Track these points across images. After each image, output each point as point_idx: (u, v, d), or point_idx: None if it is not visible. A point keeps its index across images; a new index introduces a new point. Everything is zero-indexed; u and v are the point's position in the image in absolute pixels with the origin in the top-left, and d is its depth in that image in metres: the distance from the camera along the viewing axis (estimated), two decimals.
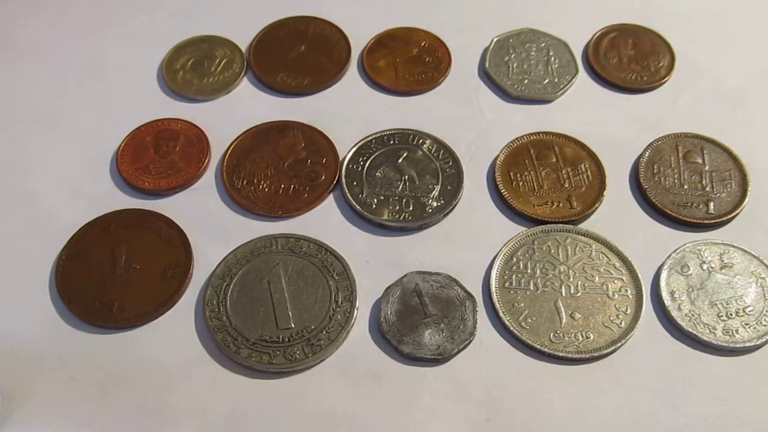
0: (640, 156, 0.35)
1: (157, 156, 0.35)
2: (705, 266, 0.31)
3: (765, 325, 0.30)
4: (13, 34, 0.40)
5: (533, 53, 0.39)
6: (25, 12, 0.41)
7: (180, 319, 0.30)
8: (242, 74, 0.38)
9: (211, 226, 0.33)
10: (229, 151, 0.35)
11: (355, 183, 0.34)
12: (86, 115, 0.37)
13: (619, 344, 0.29)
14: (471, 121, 0.37)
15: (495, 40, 0.40)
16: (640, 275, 0.31)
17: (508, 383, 0.29)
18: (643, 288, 0.31)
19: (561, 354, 0.29)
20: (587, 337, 0.29)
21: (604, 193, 0.34)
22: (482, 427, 0.28)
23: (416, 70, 0.38)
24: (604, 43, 0.40)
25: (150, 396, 0.28)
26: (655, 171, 0.34)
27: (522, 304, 0.30)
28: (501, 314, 0.30)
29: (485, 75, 0.38)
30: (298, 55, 0.39)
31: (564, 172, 0.34)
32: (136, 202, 0.34)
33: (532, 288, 0.31)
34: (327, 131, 0.36)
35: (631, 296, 0.30)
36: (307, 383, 0.29)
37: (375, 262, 0.32)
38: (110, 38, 0.40)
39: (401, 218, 0.33)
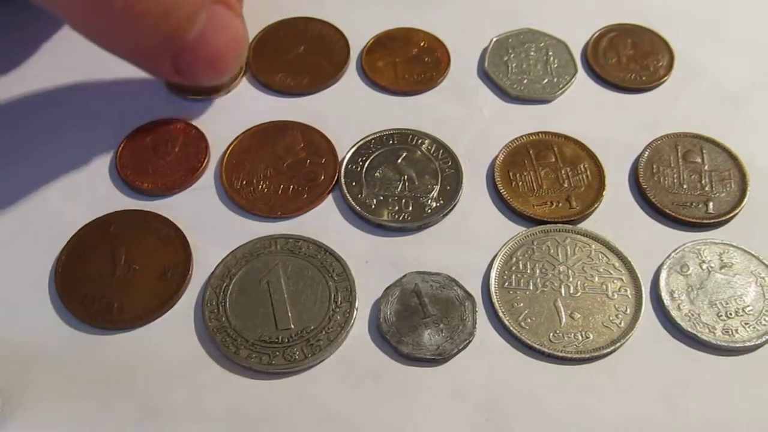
0: (640, 156, 0.35)
1: (156, 156, 0.35)
2: (704, 266, 0.31)
3: (764, 325, 0.30)
4: (14, 34, 0.40)
5: (532, 53, 0.39)
6: (26, 11, 0.41)
7: (179, 320, 0.30)
8: (241, 74, 0.38)
9: (211, 226, 0.33)
10: (229, 151, 0.35)
11: (354, 183, 0.34)
12: (85, 115, 0.37)
13: (619, 344, 0.29)
14: (470, 121, 0.37)
15: (494, 40, 0.40)
16: (639, 275, 0.31)
17: (508, 383, 0.29)
18: (643, 288, 0.31)
19: (561, 354, 0.29)
20: (587, 337, 0.29)
21: (604, 193, 0.34)
22: (482, 427, 0.28)
23: (415, 71, 0.38)
24: (603, 42, 0.40)
25: (150, 396, 0.28)
26: (654, 171, 0.34)
27: (521, 304, 0.30)
28: (500, 314, 0.30)
29: (484, 75, 0.38)
30: (297, 55, 0.39)
31: (563, 172, 0.34)
32: (136, 202, 0.34)
33: (531, 288, 0.31)
34: (326, 131, 0.36)
35: (630, 296, 0.31)
36: (306, 384, 0.29)
37: (374, 262, 0.32)
38: None
39: (400, 218, 0.33)
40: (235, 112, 0.37)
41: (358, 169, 0.34)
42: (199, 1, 0.31)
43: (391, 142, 0.35)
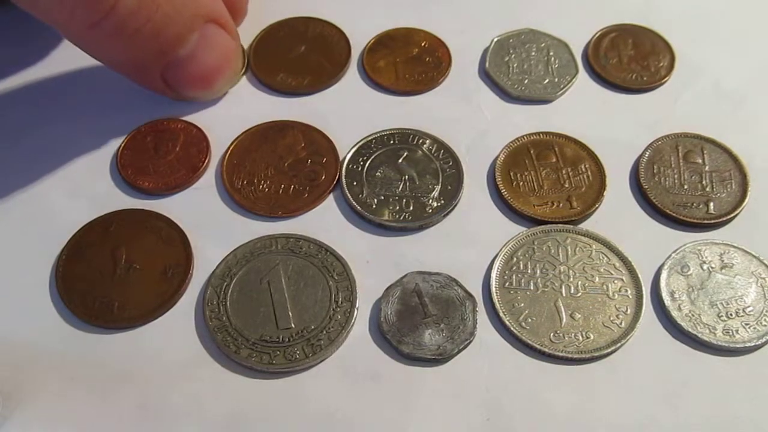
0: (640, 156, 0.35)
1: (157, 156, 0.35)
2: (705, 266, 0.31)
3: (765, 325, 0.30)
4: (14, 34, 0.40)
5: (533, 53, 0.39)
6: (26, 12, 0.41)
7: (180, 319, 0.30)
8: (242, 74, 0.38)
9: (211, 226, 0.33)
10: (229, 151, 0.35)
11: (355, 183, 0.34)
12: (86, 114, 0.37)
13: (619, 344, 0.29)
14: (471, 121, 0.37)
15: (495, 40, 0.40)
16: (640, 275, 0.31)
17: (508, 383, 0.29)
18: (643, 288, 0.31)
19: (561, 354, 0.29)
20: (587, 337, 0.29)
21: (604, 193, 0.34)
22: (482, 427, 0.28)
23: (416, 70, 0.38)
24: (604, 43, 0.40)
25: (150, 396, 0.28)
26: (655, 171, 0.34)
27: (522, 304, 0.30)
28: (501, 314, 0.30)
29: (485, 75, 0.38)
30: (298, 55, 0.39)
31: (564, 172, 0.34)
32: (136, 202, 0.34)
33: (532, 288, 0.31)
34: (327, 131, 0.36)
35: (631, 296, 0.30)
36: (307, 383, 0.29)
37: (375, 262, 0.32)
38: None
39: (401, 218, 0.33)
40: (236, 112, 0.37)
41: (359, 168, 0.34)
42: (191, 22, 0.32)
43: (392, 141, 0.35)
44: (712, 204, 0.33)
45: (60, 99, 0.37)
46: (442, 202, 0.33)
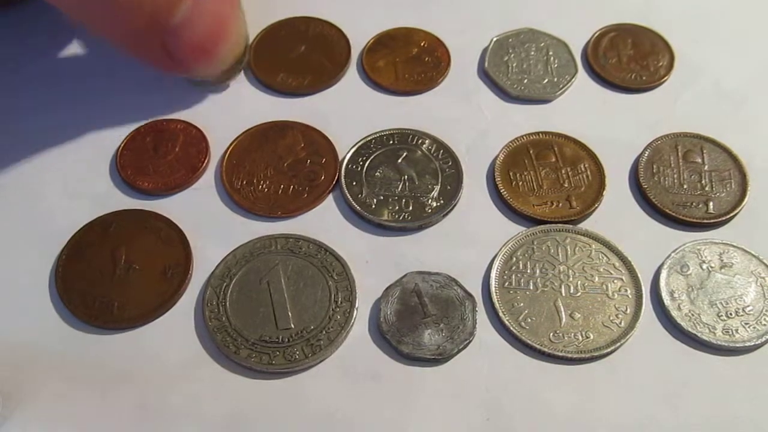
0: (640, 156, 0.35)
1: (156, 156, 0.35)
2: (704, 266, 0.31)
3: (765, 325, 0.30)
4: (14, 36, 0.40)
5: (532, 53, 0.39)
6: (27, 12, 0.41)
7: (180, 320, 0.30)
8: (241, 66, 0.38)
9: (211, 226, 0.33)
10: (229, 151, 0.35)
11: (354, 183, 0.34)
12: (86, 115, 0.37)
13: (619, 344, 0.29)
14: (470, 121, 0.37)
15: (494, 39, 0.40)
16: (639, 275, 0.31)
17: (508, 383, 0.29)
18: (643, 288, 0.31)
19: (561, 354, 0.29)
20: (587, 337, 0.29)
21: (604, 193, 0.34)
22: (482, 427, 0.28)
23: (416, 70, 0.38)
24: (604, 42, 0.40)
25: (150, 396, 0.28)
26: (654, 171, 0.34)
27: (521, 304, 0.30)
28: (500, 314, 0.30)
29: (485, 75, 0.38)
30: (298, 55, 0.39)
31: (563, 171, 0.34)
32: (136, 202, 0.34)
33: (531, 288, 0.31)
34: (326, 131, 0.36)
35: (630, 296, 0.31)
36: (306, 383, 0.29)
37: (375, 262, 0.32)
38: None
39: (401, 218, 0.33)
40: (236, 112, 0.37)
41: (359, 168, 0.34)
42: None
43: (391, 141, 0.35)
44: (711, 203, 0.33)
45: (60, 99, 0.37)
46: (442, 202, 0.33)
